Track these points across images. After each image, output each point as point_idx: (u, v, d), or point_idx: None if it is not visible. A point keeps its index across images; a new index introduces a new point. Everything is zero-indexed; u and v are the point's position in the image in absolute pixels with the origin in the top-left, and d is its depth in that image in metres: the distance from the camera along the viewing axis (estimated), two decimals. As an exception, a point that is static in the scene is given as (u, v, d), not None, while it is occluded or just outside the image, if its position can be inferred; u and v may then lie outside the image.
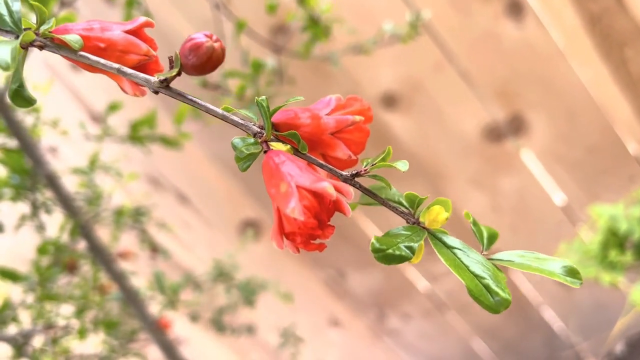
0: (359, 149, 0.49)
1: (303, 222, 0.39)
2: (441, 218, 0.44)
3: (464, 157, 1.80)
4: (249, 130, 0.44)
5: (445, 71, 1.69)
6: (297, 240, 0.41)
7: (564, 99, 1.70)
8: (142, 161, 1.88)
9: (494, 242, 0.48)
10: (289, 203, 0.39)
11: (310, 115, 0.47)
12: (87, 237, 1.27)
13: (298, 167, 0.42)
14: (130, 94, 0.45)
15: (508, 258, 0.44)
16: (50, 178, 1.20)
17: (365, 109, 0.50)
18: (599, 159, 1.76)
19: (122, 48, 0.44)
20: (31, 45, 0.41)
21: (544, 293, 2.01)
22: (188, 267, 2.04)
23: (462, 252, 0.43)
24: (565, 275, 0.42)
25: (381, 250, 0.41)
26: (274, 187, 0.41)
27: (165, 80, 0.42)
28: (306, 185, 0.40)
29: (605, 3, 1.58)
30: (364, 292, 2.09)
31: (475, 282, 0.40)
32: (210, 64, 0.42)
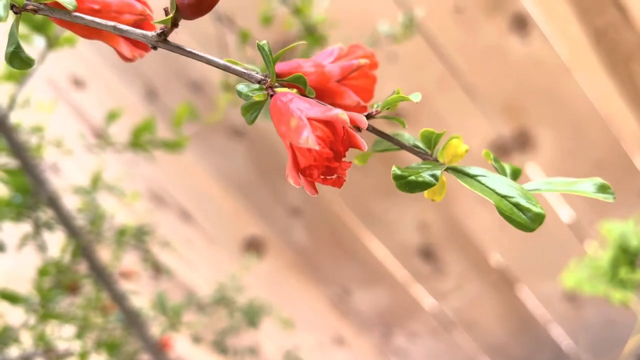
0: (368, 96, 0.48)
1: (318, 152, 0.37)
2: (460, 151, 0.43)
3: (469, 173, 1.78)
4: (252, 79, 0.42)
5: (451, 86, 1.68)
6: (314, 174, 0.39)
7: (571, 113, 1.69)
8: (145, 178, 1.87)
9: (519, 177, 0.46)
10: (302, 134, 0.37)
11: (314, 64, 0.46)
12: (88, 257, 1.25)
13: (307, 102, 0.40)
14: (129, 56, 0.44)
15: (534, 187, 0.43)
16: (51, 199, 1.19)
17: (369, 54, 0.48)
18: (606, 174, 1.74)
19: (117, 9, 0.43)
20: (24, 10, 0.41)
21: (552, 310, 1.98)
22: (191, 285, 2.02)
23: (486, 178, 0.41)
24: (597, 191, 0.41)
25: (403, 177, 0.39)
26: (284, 124, 0.39)
27: (163, 33, 0.41)
28: (317, 116, 0.38)
29: (610, 18, 1.57)
30: (369, 310, 2.06)
31: (505, 202, 0.39)
32: (206, 1, 0.41)
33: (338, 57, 0.47)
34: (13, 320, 1.36)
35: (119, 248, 1.42)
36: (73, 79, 1.78)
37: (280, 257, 1.97)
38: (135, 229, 1.45)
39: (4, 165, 1.19)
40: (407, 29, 1.34)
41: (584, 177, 1.44)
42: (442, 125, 1.72)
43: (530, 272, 1.92)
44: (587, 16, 1.58)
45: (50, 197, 1.19)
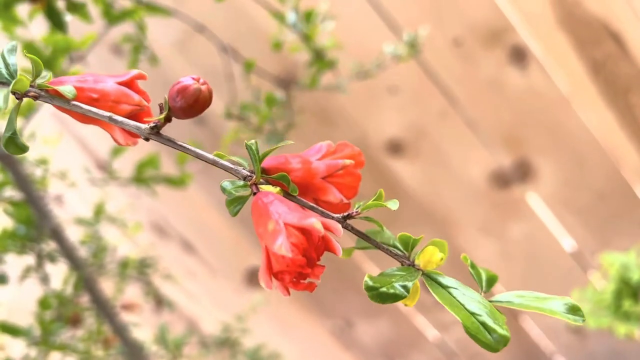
0: (351, 193, 0.49)
1: (291, 260, 0.39)
2: (435, 259, 0.44)
3: (471, 204, 1.79)
4: (238, 174, 0.44)
5: (451, 118, 1.69)
6: (285, 279, 0.40)
7: (571, 144, 1.70)
8: (148, 209, 1.88)
9: (493, 285, 0.47)
10: (277, 240, 0.39)
11: (301, 161, 0.48)
12: (90, 289, 1.25)
13: (287, 206, 0.41)
14: (123, 144, 0.46)
15: (507, 299, 0.43)
16: (54, 231, 1.19)
17: (356, 153, 0.50)
18: (608, 204, 1.75)
19: (115, 98, 0.45)
20: (25, 96, 0.42)
21: (556, 342, 1.97)
22: (193, 317, 2.01)
23: (458, 291, 0.42)
24: (567, 312, 0.41)
25: (375, 288, 0.40)
26: (261, 226, 0.41)
27: (156, 126, 0.43)
28: (294, 222, 0.39)
29: (608, 49, 1.59)
30: (372, 341, 2.05)
31: (472, 319, 0.39)
32: (198, 106, 0.43)
33: (326, 153, 0.49)
34: (14, 352, 1.35)
35: (122, 280, 1.43)
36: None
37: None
38: (137, 262, 1.46)
39: (9, 198, 1.20)
40: (412, 48, 1.36)
41: (586, 207, 1.44)
42: (443, 155, 1.73)
43: (533, 303, 1.91)
44: (584, 48, 1.60)
45: (53, 229, 1.19)
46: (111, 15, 1.04)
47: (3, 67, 0.42)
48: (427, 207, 1.79)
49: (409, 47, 1.37)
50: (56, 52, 0.94)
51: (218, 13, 1.57)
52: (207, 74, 1.66)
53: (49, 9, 0.82)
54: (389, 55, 1.38)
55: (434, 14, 1.60)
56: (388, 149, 1.74)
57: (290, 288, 0.41)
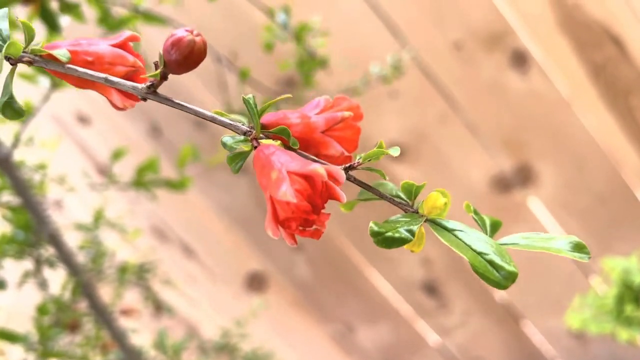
0: (352, 147, 0.49)
1: (296, 205, 0.39)
2: (439, 204, 0.44)
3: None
4: (238, 130, 0.44)
5: (451, 122, 1.69)
6: (292, 226, 0.40)
7: (571, 148, 1.69)
8: (148, 214, 1.87)
9: (498, 230, 0.47)
10: (281, 187, 0.39)
11: (300, 116, 0.48)
12: (89, 295, 1.25)
13: (288, 155, 0.42)
14: (120, 106, 0.45)
15: (512, 241, 0.43)
16: (53, 237, 1.19)
17: (354, 106, 0.50)
18: (609, 208, 1.74)
19: (109, 60, 0.45)
20: (20, 61, 0.42)
21: (558, 347, 1.96)
22: (193, 322, 2.00)
23: (463, 232, 0.42)
24: (572, 250, 0.41)
25: (380, 233, 0.40)
26: (265, 176, 0.41)
27: (152, 85, 0.43)
28: (296, 170, 0.40)
29: (608, 52, 1.59)
30: (373, 347, 2.04)
31: (479, 259, 0.39)
32: (193, 57, 0.43)
33: (324, 108, 0.49)
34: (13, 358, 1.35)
35: (121, 286, 1.42)
36: (78, 115, 1.80)
37: (282, 293, 1.96)
38: (136, 267, 1.45)
39: (7, 203, 1.20)
40: (396, 69, 1.38)
41: (587, 210, 1.43)
42: (443, 159, 1.73)
43: (535, 307, 1.90)
44: (585, 51, 1.59)
45: (52, 235, 1.19)
46: (109, 23, 1.04)
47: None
48: (427, 211, 1.79)
49: (393, 69, 1.39)
50: (53, 58, 0.93)
51: (217, 19, 1.57)
52: (207, 78, 1.66)
53: (42, 11, 0.81)
54: (375, 75, 1.40)
55: (434, 17, 1.59)
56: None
57: (297, 235, 0.41)
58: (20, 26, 0.43)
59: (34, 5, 0.83)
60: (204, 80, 1.68)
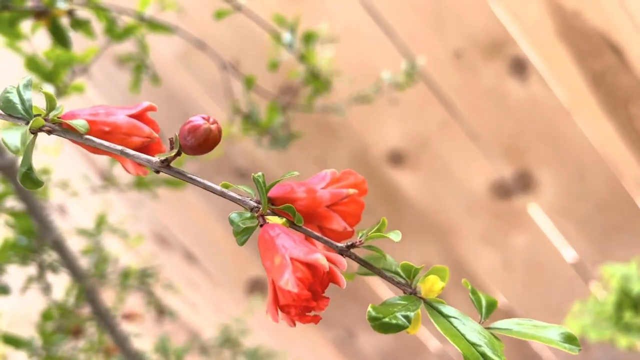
0: (355, 221, 0.50)
1: (297, 294, 0.40)
2: (437, 288, 0.45)
3: (473, 214, 1.79)
4: (246, 205, 0.46)
5: (451, 129, 1.70)
6: (291, 312, 0.41)
7: (571, 155, 1.70)
8: (150, 220, 1.88)
9: (493, 311, 0.48)
10: (283, 275, 0.40)
11: (306, 190, 0.49)
12: (92, 301, 1.26)
13: (292, 239, 0.43)
14: (133, 174, 0.47)
15: (506, 326, 0.45)
16: (56, 242, 1.20)
17: (360, 182, 0.51)
18: (608, 215, 1.75)
19: (126, 131, 0.46)
20: (40, 131, 0.43)
21: (558, 353, 1.96)
22: (195, 327, 2.01)
23: (458, 320, 0.43)
24: (564, 342, 0.42)
25: (377, 318, 0.41)
26: (268, 259, 0.42)
27: (166, 160, 0.44)
28: (300, 257, 0.41)
29: (608, 61, 1.60)
30: (374, 352, 2.05)
31: (472, 350, 0.40)
32: (208, 144, 0.44)
33: (331, 181, 0.50)
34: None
35: (123, 290, 1.43)
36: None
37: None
38: (138, 272, 1.46)
39: (11, 209, 1.21)
40: (409, 76, 1.38)
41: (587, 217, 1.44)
42: (444, 166, 1.74)
43: (535, 313, 1.91)
44: (584, 60, 1.60)
45: (55, 240, 1.20)
46: (114, 32, 1.05)
47: (19, 103, 0.43)
48: (428, 217, 1.80)
49: (407, 75, 1.40)
50: (58, 66, 0.95)
51: (223, 27, 1.58)
52: (211, 87, 1.67)
53: (53, 26, 0.83)
54: (387, 82, 1.40)
55: (435, 26, 1.61)
56: (389, 159, 1.74)
57: (296, 320, 0.42)
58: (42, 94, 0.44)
59: (45, 20, 0.84)
60: (207, 88, 1.69)
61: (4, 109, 0.43)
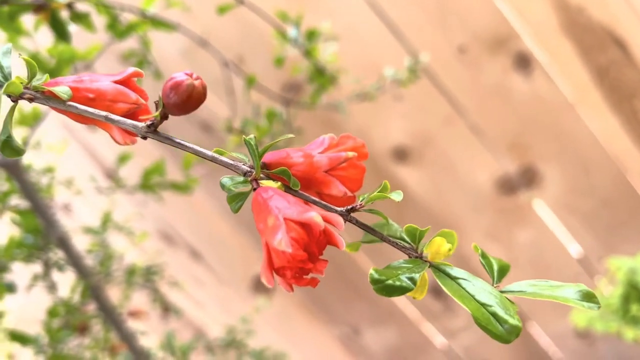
0: (356, 186, 0.48)
1: (291, 255, 0.38)
2: (443, 250, 0.43)
3: (477, 210, 1.79)
4: (238, 170, 0.44)
5: (456, 125, 1.69)
6: (287, 274, 0.39)
7: (576, 150, 1.69)
8: (156, 218, 1.89)
9: (505, 275, 0.46)
10: (276, 235, 0.38)
11: (303, 154, 0.47)
12: (97, 298, 1.26)
13: (286, 200, 0.41)
14: (122, 143, 0.45)
15: (519, 288, 0.42)
16: (61, 240, 1.20)
17: (359, 145, 0.49)
18: (614, 210, 1.74)
19: (111, 97, 0.44)
20: (20, 98, 0.42)
21: (564, 348, 1.96)
22: (200, 325, 2.02)
23: (467, 281, 0.40)
24: (581, 300, 0.40)
25: (380, 281, 0.39)
26: (262, 222, 0.40)
27: (153, 124, 0.42)
28: (293, 217, 0.39)
29: (612, 55, 1.59)
30: (379, 349, 2.05)
31: (482, 310, 0.38)
32: (192, 101, 0.42)
33: (329, 147, 0.48)
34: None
35: (128, 288, 1.43)
36: (85, 120, 1.81)
37: (289, 295, 1.97)
38: (144, 269, 1.47)
39: (16, 207, 1.21)
40: (412, 73, 1.38)
41: (592, 212, 1.43)
42: (448, 162, 1.73)
43: (541, 309, 1.90)
44: (589, 55, 1.60)
45: (60, 238, 1.20)
46: (117, 29, 1.05)
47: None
48: (433, 213, 1.79)
49: (410, 72, 1.38)
50: (61, 63, 0.95)
51: (227, 24, 1.58)
52: (215, 84, 1.67)
53: (53, 19, 0.83)
54: (390, 78, 1.39)
55: (438, 21, 1.60)
56: (393, 155, 1.74)
57: (293, 284, 0.40)
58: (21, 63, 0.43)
59: (44, 13, 0.84)
60: (212, 84, 1.69)
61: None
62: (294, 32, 1.23)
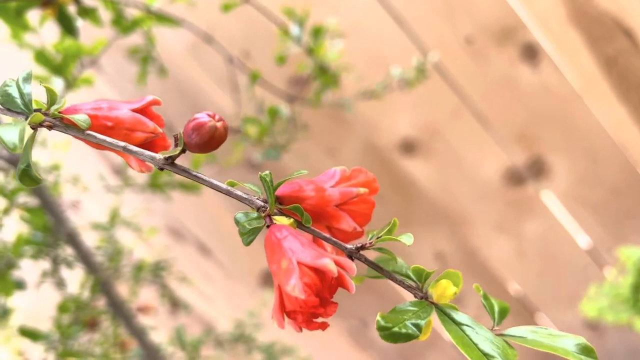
0: (365, 221, 0.49)
1: (304, 301, 0.38)
2: (449, 293, 0.43)
3: (485, 202, 1.78)
4: (252, 205, 0.44)
5: (463, 117, 1.69)
6: (298, 318, 0.40)
7: (584, 141, 1.69)
8: (164, 213, 1.89)
9: (506, 316, 0.46)
10: (290, 280, 0.38)
11: (315, 188, 0.47)
12: (107, 293, 1.26)
13: (300, 242, 0.41)
14: (137, 170, 0.45)
15: (520, 334, 0.42)
16: (70, 236, 1.20)
17: (370, 180, 0.49)
18: (622, 200, 1.73)
19: (129, 126, 0.45)
20: (40, 126, 0.42)
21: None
22: (209, 319, 2.02)
23: (470, 328, 0.41)
24: (580, 353, 0.40)
25: (387, 328, 0.39)
26: (275, 263, 0.41)
27: (170, 157, 0.43)
28: (307, 262, 0.39)
29: (620, 45, 1.58)
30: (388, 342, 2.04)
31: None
32: (213, 142, 0.42)
33: (340, 179, 0.48)
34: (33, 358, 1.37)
35: (136, 283, 1.44)
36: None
37: (297, 289, 1.96)
38: (152, 265, 1.47)
39: (24, 204, 1.21)
40: (420, 72, 1.36)
41: (600, 203, 1.42)
42: (456, 154, 1.73)
43: (549, 300, 1.90)
44: (596, 45, 1.59)
45: (70, 234, 1.20)
46: (122, 24, 1.05)
47: (18, 97, 0.42)
48: (441, 206, 1.79)
49: (418, 72, 1.37)
50: (67, 58, 0.95)
51: (233, 19, 1.58)
52: (220, 79, 1.67)
53: (60, 14, 0.83)
54: (397, 78, 1.38)
55: (445, 13, 1.59)
56: (401, 148, 1.73)
57: (303, 327, 0.41)
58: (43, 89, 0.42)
59: (51, 8, 0.84)
60: (217, 80, 1.69)
61: (3, 103, 0.41)
62: (297, 30, 1.23)
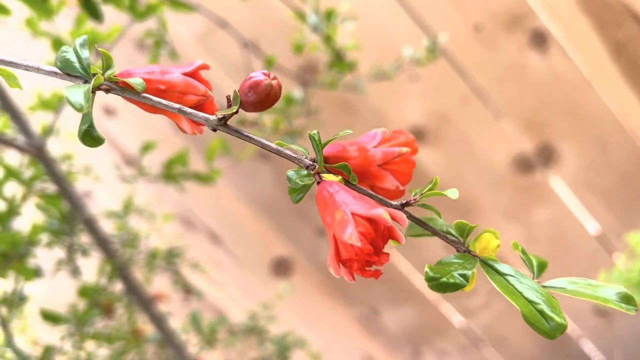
0: (406, 180, 0.50)
1: (360, 248, 0.40)
2: (492, 246, 0.45)
3: (495, 189, 1.79)
4: (301, 163, 0.45)
5: (472, 104, 1.69)
6: (354, 266, 0.41)
7: (594, 127, 1.69)
8: (175, 202, 1.90)
9: (544, 270, 0.47)
10: (346, 230, 0.40)
11: (358, 148, 0.49)
12: (124, 279, 1.28)
13: (352, 195, 0.43)
14: (189, 133, 0.47)
15: (560, 285, 0.44)
16: (88, 222, 1.22)
17: (411, 141, 0.51)
18: (632, 186, 1.74)
19: (181, 89, 0.46)
20: (98, 89, 0.44)
21: (583, 325, 1.96)
22: (221, 307, 2.04)
23: (514, 278, 0.42)
24: (620, 301, 0.41)
25: (435, 278, 0.41)
26: (329, 215, 0.42)
27: (224, 117, 0.44)
28: (361, 213, 0.41)
29: (630, 30, 1.59)
30: (398, 329, 2.06)
31: (530, 307, 0.40)
32: (269, 100, 0.44)
33: (381, 141, 0.50)
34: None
35: (150, 271, 1.45)
36: (104, 107, 1.83)
37: (308, 277, 1.98)
38: (165, 252, 1.48)
39: (42, 190, 1.23)
40: (431, 53, 1.37)
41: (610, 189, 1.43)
42: (466, 141, 1.74)
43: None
44: (606, 30, 1.59)
45: (87, 220, 1.22)
46: (136, 10, 1.06)
47: (77, 62, 0.43)
48: (450, 193, 1.80)
49: (428, 52, 1.38)
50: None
51: (244, 6, 1.59)
52: (230, 68, 1.68)
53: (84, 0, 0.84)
54: (408, 58, 1.39)
55: (454, 0, 1.60)
56: (410, 136, 1.74)
57: (357, 275, 0.42)
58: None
59: (76, -8, 0.85)
60: (226, 69, 1.70)
61: (62, 68, 0.43)
62: (314, 18, 1.23)
